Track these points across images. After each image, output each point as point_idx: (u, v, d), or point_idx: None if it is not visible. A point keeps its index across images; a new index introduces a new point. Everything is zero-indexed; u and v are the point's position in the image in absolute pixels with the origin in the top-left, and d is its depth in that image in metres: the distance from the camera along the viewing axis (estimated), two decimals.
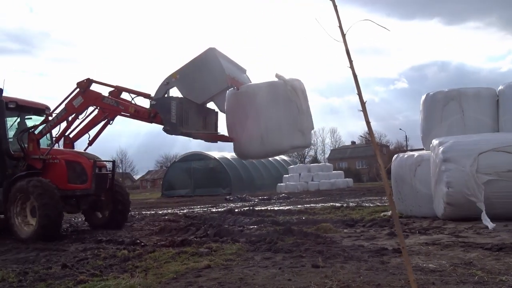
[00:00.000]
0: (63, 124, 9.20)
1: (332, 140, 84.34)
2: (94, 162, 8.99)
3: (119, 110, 8.60)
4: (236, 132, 7.99)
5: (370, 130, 2.37)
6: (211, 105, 8.36)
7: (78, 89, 8.77)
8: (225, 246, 6.17)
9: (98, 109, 8.89)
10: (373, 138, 2.42)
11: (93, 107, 8.94)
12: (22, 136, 9.04)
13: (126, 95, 8.87)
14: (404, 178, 9.22)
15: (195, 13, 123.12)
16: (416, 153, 9.44)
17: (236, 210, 13.21)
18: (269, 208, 14.03)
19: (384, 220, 8.44)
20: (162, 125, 7.96)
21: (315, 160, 70.08)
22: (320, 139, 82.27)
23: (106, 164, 9.82)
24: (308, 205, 14.85)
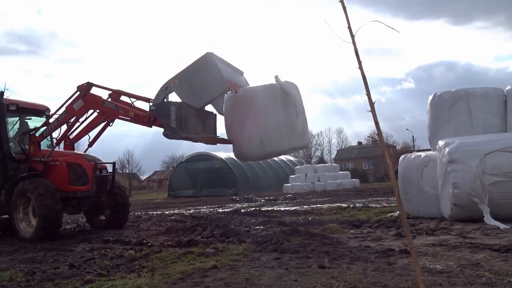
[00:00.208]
0: (63, 127, 9.34)
1: (339, 141, 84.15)
2: (95, 164, 9.12)
3: (119, 114, 8.66)
4: (235, 135, 8.04)
5: (379, 131, 2.36)
6: (210, 108, 8.41)
7: (79, 93, 8.86)
8: (232, 247, 6.17)
9: (98, 112, 9.00)
10: (382, 139, 2.41)
11: (93, 110, 9.05)
12: (23, 138, 9.16)
13: (126, 99, 8.99)
14: (411, 179, 9.18)
15: (196, 13, 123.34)
16: (423, 154, 9.40)
17: (242, 211, 13.22)
18: (275, 209, 14.01)
19: (391, 221, 8.41)
20: (162, 129, 8.00)
21: (322, 161, 69.96)
22: (327, 140, 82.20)
23: (107, 166, 9.90)
24: (315, 206, 14.82)
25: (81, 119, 9.23)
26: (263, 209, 13.74)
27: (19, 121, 9.93)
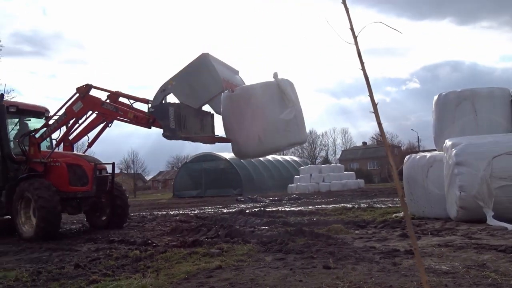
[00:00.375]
0: (63, 128, 9.44)
1: (343, 141, 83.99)
2: (95, 165, 9.24)
3: (118, 116, 8.71)
4: (234, 133, 8.08)
5: (382, 132, 2.35)
6: (207, 108, 8.48)
7: (78, 94, 8.96)
8: (236, 247, 6.17)
9: (97, 113, 9.08)
10: (385, 140, 2.40)
11: (92, 112, 9.14)
12: (24, 140, 9.28)
13: (125, 100, 9.06)
14: (416, 179, 9.14)
15: (196, 13, 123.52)
16: (428, 154, 9.36)
17: (247, 211, 13.23)
18: (280, 209, 14.01)
19: (396, 221, 8.39)
20: (161, 129, 8.06)
21: (326, 161, 69.85)
22: (331, 140, 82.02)
23: (106, 167, 10.01)
24: (319, 206, 14.81)
25: (81, 121, 9.32)
26: (268, 210, 13.74)
27: (19, 123, 10.07)
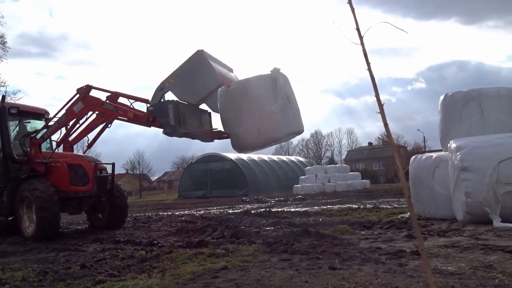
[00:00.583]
0: (63, 129, 9.60)
1: (349, 141, 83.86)
2: (95, 165, 9.43)
3: (118, 115, 8.86)
4: (233, 127, 8.15)
5: (388, 132, 2.34)
6: (204, 107, 8.67)
7: (78, 95, 9.11)
8: (242, 248, 6.17)
9: (97, 114, 9.20)
10: (392, 140, 2.40)
11: (92, 112, 9.26)
12: (25, 141, 9.45)
13: (125, 100, 9.18)
14: (422, 180, 9.10)
15: (196, 14, 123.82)
16: (435, 154, 9.30)
17: (253, 212, 13.22)
18: (286, 210, 14.00)
19: (402, 222, 8.35)
20: (161, 129, 8.24)
21: (332, 161, 69.79)
22: (337, 140, 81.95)
23: (106, 167, 10.17)
24: (325, 207, 14.78)
25: (81, 121, 9.44)
26: (273, 210, 13.72)
27: (19, 124, 10.25)
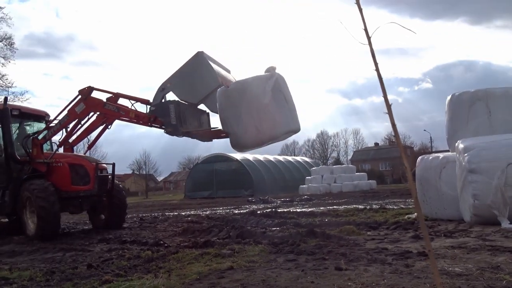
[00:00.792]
0: (64, 130, 9.78)
1: (355, 142, 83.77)
2: (96, 165, 9.64)
3: (120, 115, 9.03)
4: (232, 126, 8.26)
5: (396, 133, 2.33)
6: (203, 107, 8.88)
7: (80, 96, 9.27)
8: (248, 248, 6.17)
9: (97, 115, 9.37)
10: (399, 141, 2.38)
11: (93, 113, 9.43)
12: (27, 141, 9.61)
13: (127, 102, 9.33)
14: (429, 180, 9.05)
15: (196, 14, 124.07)
16: (441, 155, 9.25)
17: (259, 212, 13.22)
18: (292, 210, 13.99)
19: (408, 223, 8.31)
20: (162, 128, 8.48)
21: (338, 162, 69.67)
22: (343, 141, 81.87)
23: (106, 167, 10.39)
24: (331, 207, 14.75)
25: (82, 122, 9.59)
26: (279, 211, 13.72)
27: (20, 126, 10.43)
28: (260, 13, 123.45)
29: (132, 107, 9.11)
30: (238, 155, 36.24)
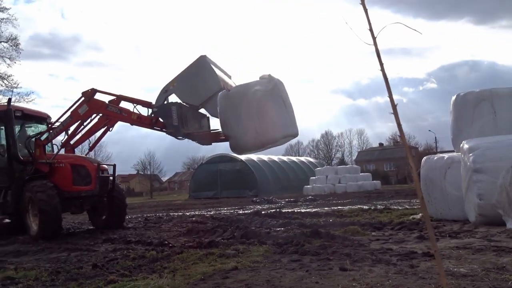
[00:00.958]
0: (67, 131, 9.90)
1: (360, 142, 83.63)
2: (98, 165, 9.76)
3: (122, 117, 9.14)
4: (232, 129, 8.34)
5: (402, 133, 2.32)
6: (203, 111, 9.06)
7: (83, 98, 9.37)
8: (252, 248, 6.17)
9: (99, 117, 9.46)
10: (405, 141, 2.38)
11: (95, 115, 9.51)
12: (29, 142, 9.71)
13: (129, 104, 9.39)
14: (434, 181, 9.03)
15: (196, 14, 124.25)
16: (446, 155, 9.22)
17: (263, 212, 13.22)
18: (296, 210, 13.98)
19: (413, 223, 8.29)
20: (163, 131, 8.60)
21: (342, 162, 69.55)
22: (347, 141, 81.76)
23: (107, 168, 10.55)
24: (335, 208, 14.73)
25: (85, 123, 9.69)
26: (284, 211, 13.71)
27: (21, 127, 10.52)
28: (262, 13, 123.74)
29: (134, 110, 9.17)
30: (243, 156, 36.23)
